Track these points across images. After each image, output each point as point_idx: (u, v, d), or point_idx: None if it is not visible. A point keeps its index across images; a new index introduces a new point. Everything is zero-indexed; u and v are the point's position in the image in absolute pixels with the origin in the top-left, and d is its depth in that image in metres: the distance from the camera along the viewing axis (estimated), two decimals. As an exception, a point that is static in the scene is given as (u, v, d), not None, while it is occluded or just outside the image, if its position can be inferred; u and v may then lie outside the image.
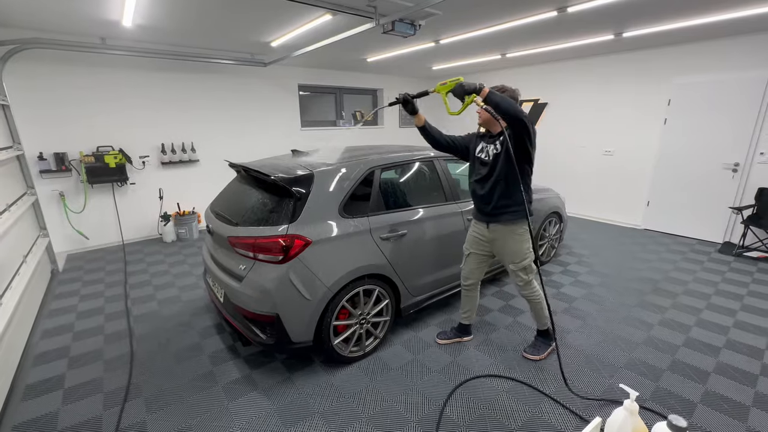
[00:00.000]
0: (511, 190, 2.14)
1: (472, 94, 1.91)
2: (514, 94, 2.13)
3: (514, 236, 2.22)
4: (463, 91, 1.91)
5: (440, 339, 2.65)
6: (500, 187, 2.16)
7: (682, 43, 4.61)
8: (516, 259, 2.26)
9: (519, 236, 2.22)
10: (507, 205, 2.18)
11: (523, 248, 2.23)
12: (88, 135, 4.54)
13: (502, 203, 2.18)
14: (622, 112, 5.35)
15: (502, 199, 2.17)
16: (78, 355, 2.56)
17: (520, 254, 2.24)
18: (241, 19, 3.44)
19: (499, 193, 2.17)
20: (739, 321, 2.88)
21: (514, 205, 2.17)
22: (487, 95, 1.89)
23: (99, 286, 3.67)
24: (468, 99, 1.92)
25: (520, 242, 2.23)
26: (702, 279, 3.65)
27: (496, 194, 2.18)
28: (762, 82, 4.13)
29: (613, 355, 2.48)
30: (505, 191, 2.15)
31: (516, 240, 2.23)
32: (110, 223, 4.88)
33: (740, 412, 1.99)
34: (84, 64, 4.35)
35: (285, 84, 6.11)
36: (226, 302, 2.36)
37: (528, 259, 2.25)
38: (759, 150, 4.27)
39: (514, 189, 2.11)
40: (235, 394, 2.16)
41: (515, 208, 2.18)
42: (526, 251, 2.24)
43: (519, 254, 2.24)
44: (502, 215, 2.21)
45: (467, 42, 4.43)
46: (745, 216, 4.25)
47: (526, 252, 2.24)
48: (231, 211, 2.48)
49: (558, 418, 1.96)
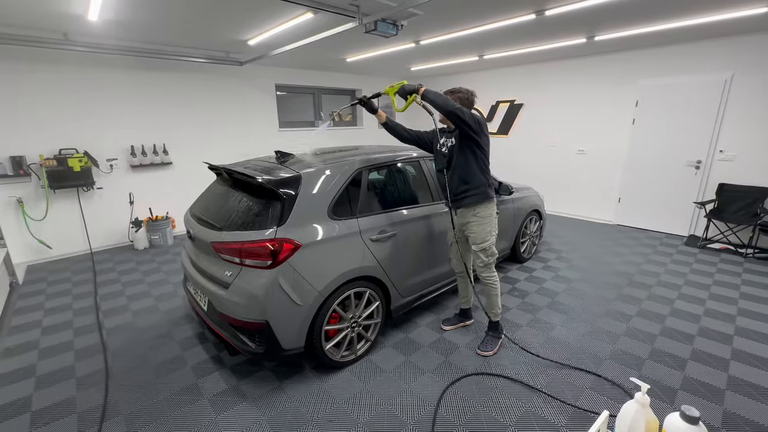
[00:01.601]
0: (468, 176, 2.34)
1: (412, 94, 2.21)
2: (468, 96, 2.36)
3: (476, 218, 2.40)
4: (405, 91, 2.24)
5: (445, 325, 2.82)
6: (458, 175, 2.36)
7: (648, 47, 4.86)
8: (477, 240, 2.41)
9: (481, 218, 2.39)
10: (466, 190, 2.37)
11: (485, 230, 2.39)
12: (49, 137, 4.24)
13: (462, 189, 2.38)
14: (594, 112, 5.57)
15: (461, 185, 2.37)
16: (46, 373, 2.37)
17: (482, 235, 2.40)
18: (218, 16, 3.31)
19: (458, 180, 2.37)
20: (709, 309, 3.06)
21: (472, 189, 2.36)
22: (423, 93, 2.17)
23: (65, 298, 3.42)
24: (410, 98, 2.24)
25: (482, 224, 2.39)
26: (672, 271, 3.85)
27: (455, 181, 2.38)
28: (720, 84, 4.41)
29: (598, 347, 2.56)
30: (463, 177, 2.35)
31: (478, 222, 2.40)
32: (76, 230, 4.58)
33: (717, 396, 2.10)
34: (44, 61, 4.07)
35: (262, 84, 5.95)
36: (210, 310, 2.25)
37: (488, 242, 2.40)
38: (718, 148, 4.56)
39: (471, 174, 2.33)
40: (223, 407, 2.07)
41: (473, 191, 2.36)
42: (487, 233, 2.40)
43: (480, 235, 2.40)
44: (463, 199, 2.40)
45: (447, 43, 4.48)
46: (707, 210, 4.52)
47: (486, 234, 2.40)
48: (213, 215, 2.37)
49: (551, 412, 2.00)
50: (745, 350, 2.51)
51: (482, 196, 2.36)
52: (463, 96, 2.35)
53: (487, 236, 2.40)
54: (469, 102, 2.36)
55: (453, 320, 2.85)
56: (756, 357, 2.43)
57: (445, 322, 2.84)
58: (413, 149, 3.07)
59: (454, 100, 2.26)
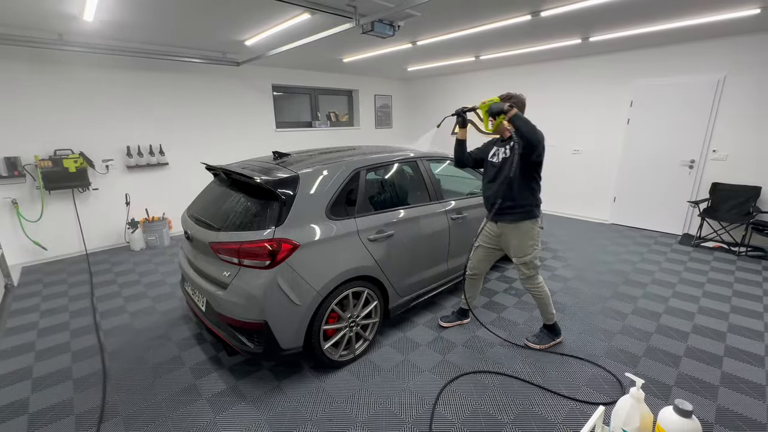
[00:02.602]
0: (519, 194, 2.30)
1: (501, 114, 2.16)
2: (523, 101, 2.36)
3: (518, 232, 2.37)
4: (493, 111, 2.18)
5: (443, 322, 2.85)
6: (505, 189, 2.29)
7: (642, 47, 4.91)
8: (519, 253, 2.39)
9: (523, 233, 2.36)
10: (512, 206, 2.33)
11: (527, 244, 2.36)
12: (45, 138, 4.22)
13: (508, 204, 2.33)
14: (590, 112, 5.62)
15: (507, 200, 2.32)
16: (42, 375, 2.36)
17: (523, 249, 2.37)
18: (214, 16, 3.31)
19: (505, 194, 2.30)
20: (702, 307, 3.09)
21: (518, 207, 2.33)
22: (513, 117, 2.12)
23: (62, 299, 3.41)
24: (499, 119, 2.18)
25: (524, 238, 2.36)
26: (666, 269, 3.89)
27: (502, 195, 2.30)
28: (713, 85, 4.47)
29: (594, 345, 2.59)
30: (510, 193, 2.29)
31: (520, 235, 2.37)
32: (71, 231, 4.55)
33: (710, 392, 2.13)
34: (39, 61, 4.04)
35: (259, 84, 5.95)
36: (208, 311, 2.26)
37: (530, 255, 2.37)
38: (712, 147, 4.62)
39: (522, 193, 2.29)
40: (222, 407, 2.07)
41: (519, 210, 2.34)
42: (529, 247, 2.36)
43: (521, 249, 2.38)
44: (506, 215, 2.37)
45: (443, 43, 4.49)
46: (701, 209, 4.57)
47: (528, 248, 2.36)
48: (211, 215, 2.37)
49: (548, 409, 2.02)
50: (738, 347, 2.54)
51: (527, 215, 2.34)
52: (519, 102, 2.32)
53: (528, 249, 2.37)
54: (524, 106, 2.35)
55: (451, 317, 2.88)
56: (748, 353, 2.47)
57: (443, 319, 2.88)
58: (410, 149, 3.09)
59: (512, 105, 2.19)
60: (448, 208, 2.96)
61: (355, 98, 7.57)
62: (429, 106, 7.98)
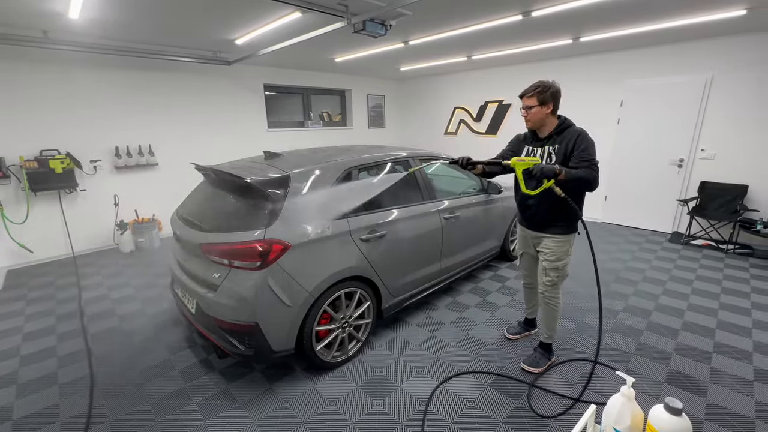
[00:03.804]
0: (559, 205, 1.99)
1: (550, 178, 1.86)
2: (559, 90, 2.04)
3: (555, 237, 2.16)
4: (538, 175, 1.86)
5: (510, 334, 2.67)
6: (548, 201, 2.03)
7: (632, 48, 4.96)
8: (551, 257, 2.17)
9: (560, 239, 2.15)
10: (553, 219, 2.13)
11: (562, 249, 2.15)
12: (30, 138, 4.13)
13: (549, 218, 2.12)
14: (580, 112, 5.60)
15: (549, 214, 2.11)
16: (27, 381, 2.30)
17: (557, 254, 2.16)
18: (204, 15, 3.26)
19: (547, 207, 2.09)
20: (692, 304, 3.13)
21: (560, 221, 2.12)
22: (567, 178, 1.86)
23: (48, 303, 3.33)
24: (546, 183, 1.87)
25: (560, 244, 2.15)
26: (657, 267, 3.93)
27: (543, 208, 2.10)
28: (700, 85, 4.53)
29: (586, 343, 2.60)
30: (554, 205, 2.03)
31: (556, 241, 2.16)
32: (58, 233, 4.46)
33: (700, 388, 2.15)
34: (25, 60, 3.96)
35: (250, 84, 5.89)
36: (198, 313, 2.22)
37: (563, 261, 2.17)
38: (700, 146, 4.68)
39: (563, 204, 1.94)
40: (212, 411, 2.04)
41: (561, 223, 2.12)
42: (563, 253, 2.16)
43: (556, 253, 2.16)
44: (546, 228, 2.16)
45: (436, 43, 4.49)
46: (690, 207, 4.64)
47: (563, 254, 2.16)
48: (201, 216, 2.34)
49: (542, 407, 2.02)
50: (726, 343, 2.57)
51: (568, 228, 2.12)
52: (556, 90, 2.03)
53: (563, 255, 2.16)
54: (559, 96, 2.06)
55: (517, 328, 2.71)
56: (737, 349, 2.50)
57: (510, 330, 2.70)
58: (403, 149, 3.08)
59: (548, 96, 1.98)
60: (440, 208, 2.95)
61: (347, 98, 7.54)
62: (422, 106, 7.99)
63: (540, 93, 1.99)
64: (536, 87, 2.01)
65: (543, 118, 2.05)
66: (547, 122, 2.07)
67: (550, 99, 2.00)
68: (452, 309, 3.10)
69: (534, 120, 2.07)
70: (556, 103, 2.04)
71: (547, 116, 2.04)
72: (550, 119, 2.07)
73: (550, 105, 2.02)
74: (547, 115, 2.04)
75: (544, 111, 2.02)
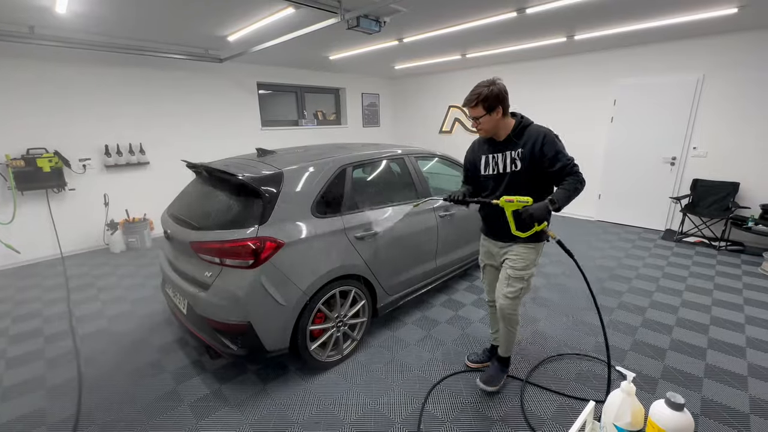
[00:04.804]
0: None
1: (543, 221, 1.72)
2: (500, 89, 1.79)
3: (525, 244, 1.93)
4: (532, 219, 1.70)
5: (471, 362, 2.34)
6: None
7: (625, 46, 4.99)
8: (518, 263, 1.92)
9: (530, 247, 1.93)
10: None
11: (530, 257, 1.93)
12: (16, 136, 4.04)
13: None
14: (574, 111, 5.68)
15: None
16: (13, 384, 2.24)
17: (526, 260, 1.92)
18: (194, 9, 3.20)
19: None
20: (686, 300, 3.15)
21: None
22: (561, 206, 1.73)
23: (35, 305, 3.26)
24: (538, 227, 1.74)
25: (529, 251, 1.93)
26: (650, 264, 3.95)
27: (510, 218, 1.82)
28: (692, 84, 4.57)
29: (581, 340, 2.60)
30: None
31: (526, 246, 1.93)
32: (45, 234, 4.37)
33: (695, 383, 2.16)
34: (10, 55, 3.87)
35: (243, 82, 5.83)
36: (190, 313, 2.17)
37: (529, 271, 1.93)
38: (692, 144, 4.72)
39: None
40: (204, 412, 2.00)
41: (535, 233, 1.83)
42: (531, 262, 1.94)
43: (525, 259, 1.92)
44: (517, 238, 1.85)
45: (430, 41, 4.48)
46: (682, 205, 4.67)
47: (531, 262, 1.94)
48: (192, 214, 2.29)
49: (538, 405, 2.01)
50: (720, 339, 2.59)
51: (538, 235, 1.84)
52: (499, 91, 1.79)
53: (531, 265, 1.94)
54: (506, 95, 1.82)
55: (480, 356, 2.36)
56: (730, 345, 2.52)
57: (471, 357, 2.37)
58: (398, 146, 3.05)
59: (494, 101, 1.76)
60: (436, 206, 2.93)
61: (342, 96, 7.50)
62: (416, 104, 7.97)
63: (484, 101, 1.77)
64: (477, 95, 1.78)
65: (496, 124, 1.83)
66: (501, 126, 1.85)
67: (496, 103, 1.77)
68: (448, 307, 3.08)
69: (487, 129, 1.86)
70: (505, 104, 1.81)
71: (500, 121, 1.82)
72: (504, 122, 1.85)
73: (499, 109, 1.79)
74: (499, 120, 1.82)
75: (494, 118, 1.80)
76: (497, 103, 1.78)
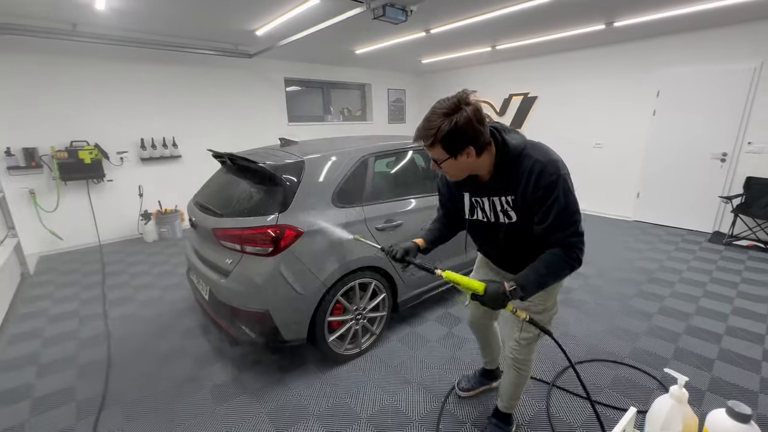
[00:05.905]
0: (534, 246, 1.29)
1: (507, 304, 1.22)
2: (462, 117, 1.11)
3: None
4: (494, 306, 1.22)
5: (461, 391, 1.99)
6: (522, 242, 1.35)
7: (669, 34, 4.63)
8: (535, 307, 1.47)
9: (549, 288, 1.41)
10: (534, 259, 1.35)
11: (550, 299, 1.49)
12: (61, 129, 4.28)
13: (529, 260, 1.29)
14: (611, 104, 5.35)
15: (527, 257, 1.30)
16: (48, 361, 2.35)
17: (544, 300, 1.47)
18: (224, 3, 3.26)
19: (521, 250, 1.37)
20: (737, 308, 2.86)
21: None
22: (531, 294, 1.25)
23: (74, 288, 3.43)
24: (507, 308, 1.23)
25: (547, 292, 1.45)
26: (696, 268, 3.64)
27: (516, 251, 1.41)
28: (748, 73, 4.17)
29: (616, 345, 2.41)
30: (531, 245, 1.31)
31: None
32: (86, 222, 4.61)
33: (749, 399, 1.94)
34: (54, 52, 4.09)
35: (271, 77, 5.92)
36: (211, 299, 2.20)
37: (549, 313, 1.50)
38: (747, 139, 4.31)
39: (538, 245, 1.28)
40: (223, 398, 2.01)
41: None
42: (551, 304, 1.50)
43: (542, 300, 1.47)
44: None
45: (458, 31, 4.33)
46: (734, 205, 4.28)
47: (551, 304, 1.50)
48: (216, 202, 2.31)
49: (567, 411, 1.87)
50: (778, 351, 2.33)
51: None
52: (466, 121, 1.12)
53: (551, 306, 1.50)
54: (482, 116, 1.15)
55: (471, 382, 2.02)
56: (791, 358, 2.26)
57: (462, 385, 2.02)
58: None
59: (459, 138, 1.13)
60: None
61: (367, 92, 7.47)
62: (443, 101, 7.81)
63: (444, 140, 1.13)
64: (432, 130, 1.13)
65: (468, 167, 1.24)
66: (478, 165, 1.25)
67: (464, 143, 1.15)
68: (471, 305, 2.97)
69: (456, 174, 1.28)
70: (479, 141, 1.16)
71: (474, 162, 1.22)
72: (481, 160, 1.23)
73: (469, 151, 1.17)
74: (472, 163, 1.22)
75: (463, 162, 1.20)
76: (466, 142, 1.14)
